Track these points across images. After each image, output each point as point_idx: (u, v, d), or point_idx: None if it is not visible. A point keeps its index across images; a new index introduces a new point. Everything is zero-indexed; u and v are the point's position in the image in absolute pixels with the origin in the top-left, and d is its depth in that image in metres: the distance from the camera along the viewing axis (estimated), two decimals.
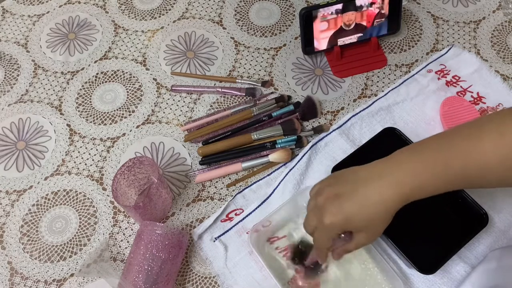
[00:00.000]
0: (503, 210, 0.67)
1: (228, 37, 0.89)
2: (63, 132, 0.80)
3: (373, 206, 0.50)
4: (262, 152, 0.75)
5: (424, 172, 0.49)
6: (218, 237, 0.68)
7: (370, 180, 0.51)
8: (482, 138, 0.48)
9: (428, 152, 0.50)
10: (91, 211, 0.72)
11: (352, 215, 0.51)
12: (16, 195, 0.74)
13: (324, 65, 0.85)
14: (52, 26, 0.92)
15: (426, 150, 0.51)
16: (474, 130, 0.49)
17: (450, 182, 0.49)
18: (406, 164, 0.50)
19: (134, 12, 0.94)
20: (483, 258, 0.62)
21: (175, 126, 0.79)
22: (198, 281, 0.66)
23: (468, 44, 0.86)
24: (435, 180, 0.49)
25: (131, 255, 0.62)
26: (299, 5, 0.93)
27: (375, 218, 0.51)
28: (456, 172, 0.48)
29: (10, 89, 0.85)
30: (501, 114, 0.49)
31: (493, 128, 0.48)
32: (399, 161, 0.51)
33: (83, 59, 0.88)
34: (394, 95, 0.79)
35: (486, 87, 0.80)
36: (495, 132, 0.47)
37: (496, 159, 0.47)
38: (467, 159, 0.48)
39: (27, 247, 0.70)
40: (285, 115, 0.78)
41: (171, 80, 0.85)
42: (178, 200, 0.72)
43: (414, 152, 0.51)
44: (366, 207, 0.50)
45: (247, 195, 0.72)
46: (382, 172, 0.51)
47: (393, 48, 0.86)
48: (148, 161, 0.66)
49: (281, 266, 0.64)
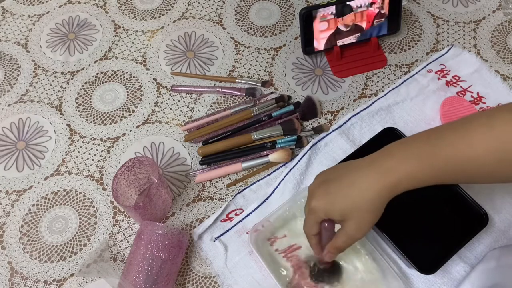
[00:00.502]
0: (503, 210, 0.67)
1: (228, 37, 0.89)
2: (63, 132, 0.80)
3: (358, 191, 0.50)
4: (262, 152, 0.75)
5: (413, 161, 0.49)
6: (218, 237, 0.68)
7: (359, 167, 0.51)
8: (471, 130, 0.48)
9: (418, 143, 0.51)
10: (91, 211, 0.72)
11: (336, 197, 0.51)
12: (16, 195, 0.74)
13: (324, 65, 0.85)
14: (52, 26, 0.92)
15: (416, 142, 0.51)
16: (464, 123, 0.50)
17: (439, 174, 0.49)
18: (395, 154, 0.50)
19: (134, 12, 0.94)
20: (482, 258, 0.62)
21: (175, 126, 0.79)
22: (198, 281, 0.66)
23: (468, 44, 0.86)
24: (423, 170, 0.49)
25: (131, 255, 0.62)
26: (299, 5, 0.93)
27: (361, 205, 0.50)
28: (444, 163, 0.48)
29: (10, 89, 0.85)
30: (492, 109, 0.50)
31: (482, 122, 0.48)
32: (390, 151, 0.51)
33: (83, 59, 0.88)
34: (394, 95, 0.79)
35: (486, 87, 0.80)
36: (484, 126, 0.48)
37: (484, 151, 0.47)
38: (454, 150, 0.48)
39: (27, 247, 0.70)
40: (285, 115, 0.78)
41: (171, 80, 0.85)
42: (178, 200, 0.72)
43: (405, 144, 0.51)
44: (351, 191, 0.50)
45: (247, 195, 0.72)
46: (372, 161, 0.51)
47: (393, 48, 0.86)
48: (148, 161, 0.67)
49: (281, 266, 0.64)
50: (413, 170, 0.49)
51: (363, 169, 0.51)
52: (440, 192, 0.66)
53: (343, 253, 0.55)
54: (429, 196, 0.67)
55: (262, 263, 0.62)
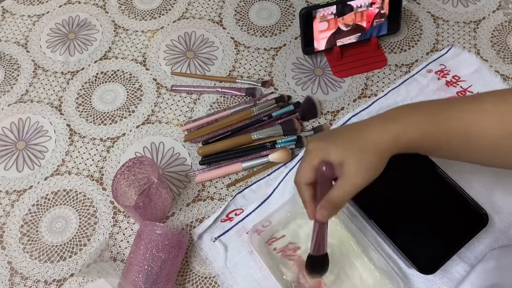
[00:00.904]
0: (503, 210, 0.67)
1: (228, 37, 0.89)
2: (63, 132, 0.80)
3: (361, 133, 0.48)
4: (262, 152, 0.75)
5: (419, 114, 0.49)
6: (218, 237, 0.68)
7: (363, 120, 0.51)
8: (484, 100, 0.49)
9: (430, 103, 0.51)
10: (91, 211, 0.72)
11: (337, 139, 0.49)
12: (16, 195, 0.74)
13: (324, 65, 0.85)
14: (52, 26, 0.92)
15: (426, 103, 0.51)
16: (476, 95, 0.51)
17: (446, 135, 0.48)
18: (404, 108, 0.50)
19: (134, 12, 0.94)
20: (482, 258, 0.62)
21: (175, 126, 0.79)
22: (198, 281, 0.66)
23: (468, 44, 0.86)
24: (431, 125, 0.48)
25: (131, 255, 0.62)
26: (299, 5, 0.93)
27: (364, 146, 0.47)
28: (453, 123, 0.48)
29: (10, 89, 0.85)
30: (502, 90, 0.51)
31: (495, 93, 0.49)
32: (400, 107, 0.51)
33: (83, 59, 0.88)
34: (394, 95, 0.79)
35: (486, 87, 0.80)
36: (497, 97, 0.48)
37: (494, 122, 0.47)
38: (465, 115, 0.48)
39: (27, 247, 0.70)
40: (285, 115, 0.78)
41: (171, 80, 0.85)
42: (178, 200, 0.72)
43: (416, 104, 0.51)
44: (354, 134, 0.48)
45: (247, 195, 0.72)
46: (379, 114, 0.51)
47: (393, 48, 0.86)
48: (148, 161, 0.67)
49: (281, 266, 0.64)
50: (418, 121, 0.48)
51: (367, 120, 0.51)
52: (440, 191, 0.67)
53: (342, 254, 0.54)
54: (429, 195, 0.67)
55: (262, 263, 0.62)
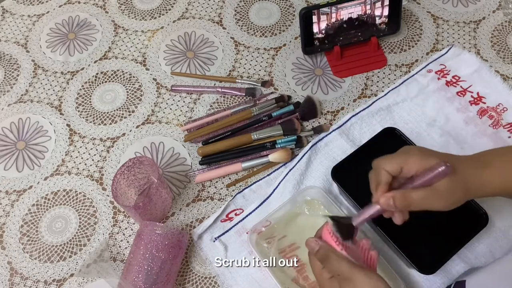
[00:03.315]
0: (503, 210, 0.67)
1: (228, 37, 0.89)
2: (63, 132, 0.80)
3: (479, 170, 0.52)
4: (262, 152, 0.75)
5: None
6: (218, 237, 0.68)
7: (487, 158, 0.54)
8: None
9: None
10: (91, 211, 0.72)
11: (458, 156, 0.53)
12: (16, 195, 0.74)
13: (324, 65, 0.85)
14: (52, 26, 0.92)
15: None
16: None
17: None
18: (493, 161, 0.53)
19: (134, 12, 0.94)
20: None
21: (175, 126, 0.79)
22: (198, 281, 0.66)
23: (468, 44, 0.86)
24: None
25: (131, 255, 0.62)
26: (299, 5, 0.93)
27: (469, 183, 0.51)
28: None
29: (10, 89, 0.85)
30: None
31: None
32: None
33: (83, 59, 0.88)
34: (394, 95, 0.79)
35: (486, 87, 0.79)
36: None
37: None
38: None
39: (27, 247, 0.70)
40: (285, 115, 0.78)
41: (171, 80, 0.85)
42: (178, 200, 0.72)
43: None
44: (474, 162, 0.53)
45: (247, 195, 0.72)
46: (500, 160, 0.54)
47: (393, 48, 0.86)
48: (148, 161, 0.66)
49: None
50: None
51: (491, 159, 0.54)
52: None
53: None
54: None
55: (262, 263, 0.62)
